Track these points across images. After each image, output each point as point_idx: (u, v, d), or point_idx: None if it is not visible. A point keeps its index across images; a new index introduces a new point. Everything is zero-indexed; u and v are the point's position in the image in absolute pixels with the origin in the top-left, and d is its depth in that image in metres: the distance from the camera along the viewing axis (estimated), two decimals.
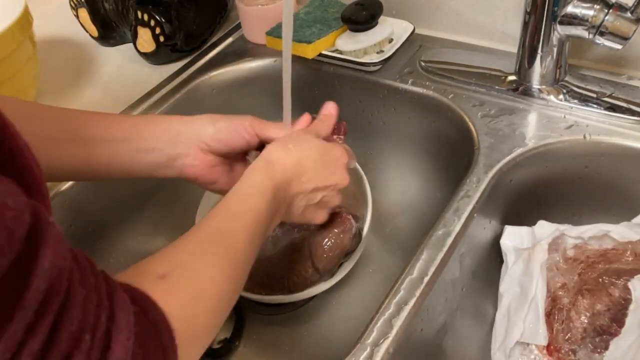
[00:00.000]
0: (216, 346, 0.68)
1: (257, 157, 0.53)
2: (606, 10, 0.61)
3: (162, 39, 0.83)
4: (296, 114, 0.88)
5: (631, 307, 0.56)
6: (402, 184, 0.82)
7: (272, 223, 0.51)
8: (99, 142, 0.54)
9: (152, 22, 0.82)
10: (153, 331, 0.34)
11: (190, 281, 0.40)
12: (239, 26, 0.92)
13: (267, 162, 0.52)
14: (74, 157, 0.54)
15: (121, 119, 0.57)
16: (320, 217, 0.59)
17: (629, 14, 0.60)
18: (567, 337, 0.61)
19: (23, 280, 0.25)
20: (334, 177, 0.56)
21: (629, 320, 0.56)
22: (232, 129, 0.57)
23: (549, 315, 0.62)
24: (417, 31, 0.81)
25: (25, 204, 0.26)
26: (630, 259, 0.61)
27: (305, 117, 0.61)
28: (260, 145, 0.58)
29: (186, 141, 0.56)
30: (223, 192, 0.56)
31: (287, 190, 0.52)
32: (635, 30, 0.60)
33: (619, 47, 0.62)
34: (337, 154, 0.57)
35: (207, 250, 0.43)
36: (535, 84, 0.71)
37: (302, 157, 0.54)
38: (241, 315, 0.70)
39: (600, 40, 0.62)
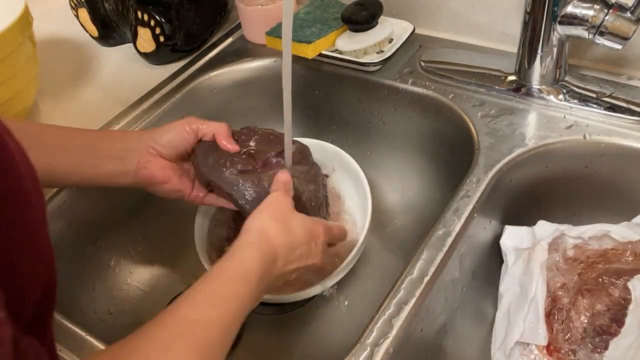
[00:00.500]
0: None
1: (252, 229, 0.52)
2: (606, 10, 0.61)
3: (162, 39, 0.83)
4: (296, 114, 0.88)
5: (631, 307, 0.56)
6: (402, 184, 0.82)
7: (251, 307, 0.49)
8: (62, 149, 0.58)
9: (152, 22, 0.82)
10: None
11: None
12: (239, 26, 0.92)
13: (262, 237, 0.51)
14: (37, 163, 0.56)
15: (83, 132, 0.63)
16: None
17: (628, 14, 0.60)
18: (567, 337, 0.61)
19: None
20: (314, 257, 0.56)
21: (628, 320, 0.56)
22: (175, 133, 0.61)
23: (548, 315, 0.62)
24: (417, 31, 0.81)
25: None
26: (630, 259, 0.61)
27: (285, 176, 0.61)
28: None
29: (137, 149, 0.60)
30: (175, 193, 0.62)
31: (276, 270, 0.51)
32: (635, 31, 0.60)
33: (619, 47, 0.62)
34: (319, 231, 0.57)
35: (175, 344, 0.39)
36: (535, 84, 0.71)
37: (295, 239, 0.53)
38: None
39: (600, 40, 0.62)
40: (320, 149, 0.74)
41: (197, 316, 0.42)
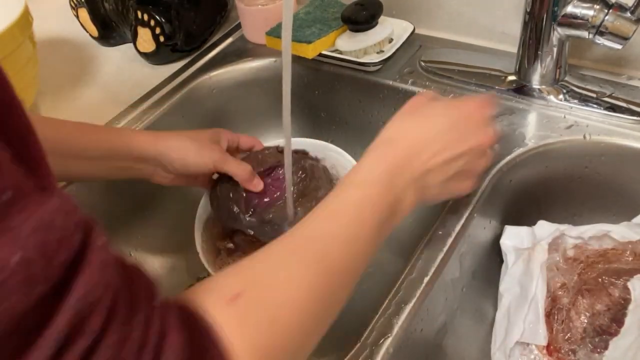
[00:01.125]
0: None
1: (379, 137, 0.47)
2: (606, 10, 0.61)
3: (162, 39, 0.83)
4: (296, 114, 0.88)
5: (630, 306, 0.56)
6: None
7: (392, 218, 0.43)
8: (79, 158, 0.58)
9: (152, 22, 0.82)
10: None
11: (266, 303, 0.33)
12: (239, 26, 0.92)
13: (384, 142, 0.46)
14: (55, 166, 0.57)
15: (100, 136, 0.61)
16: (466, 187, 0.52)
17: (628, 14, 0.60)
18: (566, 337, 0.61)
19: (47, 314, 0.23)
20: (472, 138, 0.48)
21: (628, 320, 0.56)
22: (195, 162, 0.60)
23: (548, 315, 0.62)
24: (417, 31, 0.81)
25: (75, 224, 0.24)
26: (630, 259, 0.61)
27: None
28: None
29: (154, 162, 0.61)
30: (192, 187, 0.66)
31: (411, 171, 0.45)
32: (635, 31, 0.60)
33: (619, 47, 0.62)
34: (469, 109, 0.49)
35: (290, 261, 0.36)
36: (535, 84, 0.71)
37: (426, 128, 0.47)
38: None
39: (600, 40, 0.62)
40: (322, 148, 0.74)
41: (314, 231, 0.38)
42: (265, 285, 0.34)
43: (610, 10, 0.61)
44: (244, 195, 0.63)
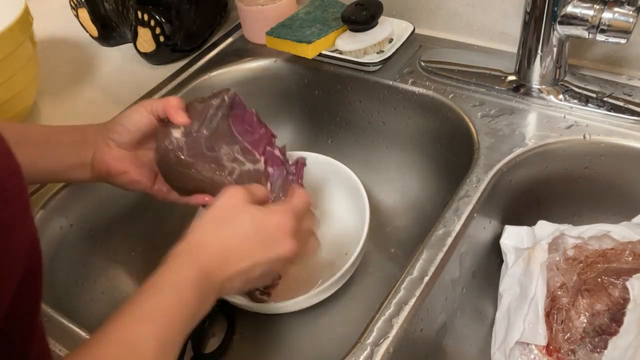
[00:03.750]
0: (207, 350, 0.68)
1: (187, 236, 0.49)
2: (604, 8, 0.61)
3: (162, 39, 0.83)
4: (296, 114, 0.88)
5: (629, 306, 0.56)
6: (402, 184, 0.82)
7: (197, 316, 0.45)
8: (18, 145, 0.56)
9: (152, 22, 0.82)
10: None
11: None
12: (239, 26, 0.92)
13: (192, 246, 0.48)
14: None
15: (41, 127, 0.63)
16: (266, 281, 0.57)
17: (627, 7, 0.60)
18: (566, 337, 0.61)
19: None
20: (276, 248, 0.50)
21: (627, 320, 0.56)
22: (127, 118, 0.59)
23: (548, 315, 0.62)
24: (417, 31, 0.81)
25: None
26: (630, 259, 0.61)
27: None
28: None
29: (93, 140, 0.59)
30: (135, 184, 0.61)
31: (216, 276, 0.47)
32: (635, 23, 0.60)
33: (624, 41, 0.61)
34: (276, 222, 0.51)
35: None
36: (535, 84, 0.71)
37: (230, 237, 0.49)
38: (232, 321, 0.70)
39: (602, 37, 0.62)
40: (321, 163, 0.75)
41: (129, 337, 0.40)
42: None
43: (607, 6, 0.61)
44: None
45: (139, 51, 0.86)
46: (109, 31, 0.90)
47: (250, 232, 0.50)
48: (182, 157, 0.57)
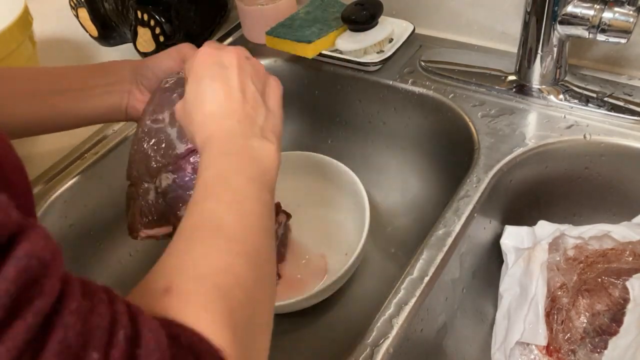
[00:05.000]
0: None
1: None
2: (604, 8, 0.61)
3: (162, 39, 0.83)
4: (296, 114, 0.88)
5: (629, 306, 0.56)
6: (402, 184, 0.82)
7: (263, 172, 0.43)
8: (57, 93, 0.58)
9: (152, 22, 0.82)
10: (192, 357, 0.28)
11: (199, 282, 0.33)
12: (239, 26, 0.92)
13: (197, 137, 0.46)
14: (34, 110, 0.56)
15: (76, 70, 0.61)
16: (275, 85, 0.51)
17: (627, 7, 0.60)
18: (566, 337, 0.61)
19: None
20: (229, 66, 0.48)
21: (627, 320, 0.56)
22: (159, 64, 0.59)
23: (548, 315, 0.62)
24: (417, 31, 0.81)
25: (6, 204, 0.23)
26: (630, 259, 0.61)
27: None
28: None
29: (127, 82, 0.59)
30: None
31: (233, 132, 0.45)
32: (635, 23, 0.60)
33: (624, 40, 0.61)
34: (201, 66, 0.48)
35: (196, 242, 0.36)
36: (535, 83, 0.71)
37: (199, 98, 0.47)
38: None
39: (602, 37, 0.62)
40: (321, 163, 0.75)
41: (198, 212, 0.38)
42: (188, 267, 0.34)
43: (607, 6, 0.61)
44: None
45: (138, 51, 0.86)
46: (109, 31, 0.90)
47: (206, 83, 0.47)
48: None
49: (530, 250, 0.62)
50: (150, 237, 0.57)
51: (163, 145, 0.55)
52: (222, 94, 0.46)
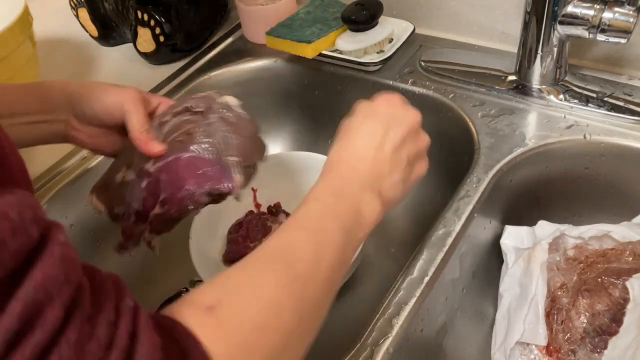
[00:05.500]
0: None
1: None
2: (604, 8, 0.61)
3: (162, 39, 0.83)
4: (296, 114, 0.88)
5: (629, 306, 0.56)
6: None
7: (357, 227, 0.44)
8: None
9: (152, 22, 0.82)
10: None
11: (242, 308, 0.33)
12: (239, 26, 0.92)
13: (330, 165, 0.47)
14: None
15: (6, 91, 0.56)
16: (423, 167, 0.51)
17: (627, 7, 0.60)
18: (566, 337, 0.61)
19: (1, 301, 0.22)
20: (402, 122, 0.48)
21: (627, 319, 0.56)
22: (103, 108, 0.54)
23: (548, 315, 0.62)
24: (417, 31, 0.81)
25: (32, 219, 0.23)
26: (630, 259, 0.61)
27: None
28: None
29: (64, 112, 0.55)
30: (115, 153, 0.57)
31: (360, 178, 0.45)
32: (635, 23, 0.60)
33: (624, 41, 0.61)
34: (382, 103, 0.50)
35: (263, 268, 0.36)
36: (535, 83, 0.71)
37: (359, 137, 0.47)
38: None
39: (602, 37, 0.62)
40: (322, 163, 0.75)
41: (284, 241, 0.39)
42: (240, 292, 0.34)
43: (607, 6, 0.61)
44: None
45: (138, 51, 0.86)
46: (109, 31, 0.90)
47: (372, 123, 0.48)
48: None
49: (530, 250, 0.62)
50: (96, 208, 0.57)
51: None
52: (375, 139, 0.47)
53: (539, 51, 0.68)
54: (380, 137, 0.47)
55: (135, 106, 0.54)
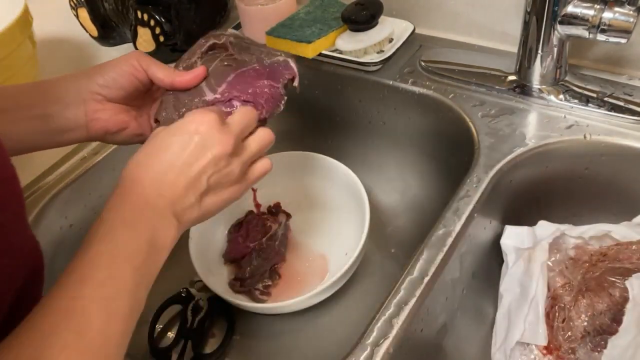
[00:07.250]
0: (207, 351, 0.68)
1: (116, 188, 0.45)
2: (604, 8, 0.61)
3: (162, 38, 0.83)
4: (296, 114, 0.88)
5: (628, 305, 0.56)
6: (402, 184, 0.82)
7: (153, 256, 0.42)
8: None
9: (152, 22, 0.82)
10: None
11: None
12: (239, 26, 0.92)
13: (124, 184, 0.44)
14: None
15: (7, 88, 0.54)
16: (235, 192, 0.50)
17: (627, 7, 0.60)
18: (567, 335, 0.61)
19: None
20: (208, 149, 0.46)
21: (626, 319, 0.56)
22: (120, 72, 0.53)
23: (548, 315, 0.62)
24: (417, 31, 0.81)
25: None
26: (631, 258, 0.61)
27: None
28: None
29: (76, 98, 0.53)
30: (136, 138, 0.56)
31: (155, 205, 0.43)
32: (635, 23, 0.60)
33: (624, 41, 0.61)
34: (194, 123, 0.47)
35: (50, 345, 0.33)
36: (536, 83, 0.71)
37: (159, 158, 0.45)
38: (232, 321, 0.70)
39: (602, 37, 0.62)
40: (322, 163, 0.75)
41: (68, 303, 0.36)
42: None
43: (607, 6, 0.61)
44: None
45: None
46: (109, 31, 0.90)
47: (173, 143, 0.46)
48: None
49: (531, 250, 0.62)
50: None
51: (193, 91, 0.54)
52: (179, 159, 0.45)
53: (539, 51, 0.68)
54: (185, 158, 0.45)
55: (149, 59, 0.54)
